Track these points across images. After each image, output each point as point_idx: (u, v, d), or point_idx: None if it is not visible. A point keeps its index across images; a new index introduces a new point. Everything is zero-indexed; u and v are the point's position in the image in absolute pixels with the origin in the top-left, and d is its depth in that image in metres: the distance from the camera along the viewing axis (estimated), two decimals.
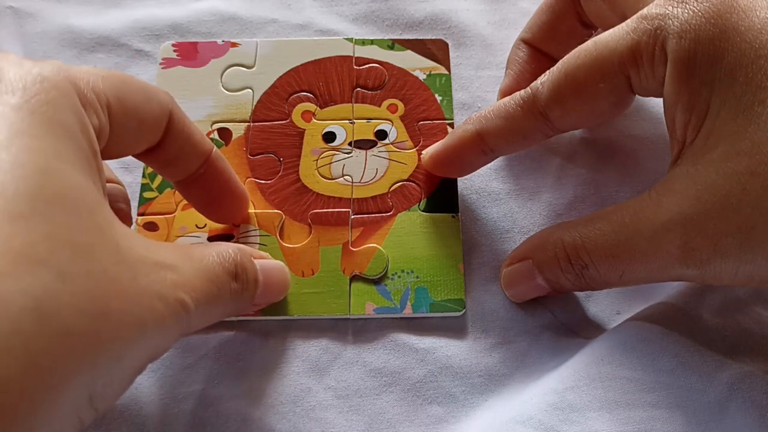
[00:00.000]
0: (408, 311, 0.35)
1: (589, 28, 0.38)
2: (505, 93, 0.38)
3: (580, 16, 0.38)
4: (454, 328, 0.36)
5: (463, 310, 0.35)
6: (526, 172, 0.40)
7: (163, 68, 0.41)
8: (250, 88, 0.40)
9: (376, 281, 0.35)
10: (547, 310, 0.37)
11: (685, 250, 0.29)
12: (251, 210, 0.37)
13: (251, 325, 0.36)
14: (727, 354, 0.33)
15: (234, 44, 0.41)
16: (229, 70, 0.41)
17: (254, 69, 0.41)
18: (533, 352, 0.36)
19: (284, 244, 0.36)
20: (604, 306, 0.37)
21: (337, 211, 0.37)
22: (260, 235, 0.36)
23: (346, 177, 0.38)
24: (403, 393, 0.35)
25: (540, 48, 0.39)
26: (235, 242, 0.36)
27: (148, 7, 0.45)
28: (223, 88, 0.40)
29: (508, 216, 0.39)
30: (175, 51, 0.41)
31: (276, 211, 0.37)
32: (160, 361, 0.35)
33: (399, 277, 0.36)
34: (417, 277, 0.35)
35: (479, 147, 0.35)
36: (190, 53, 0.41)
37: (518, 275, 0.35)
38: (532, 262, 0.34)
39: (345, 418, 0.34)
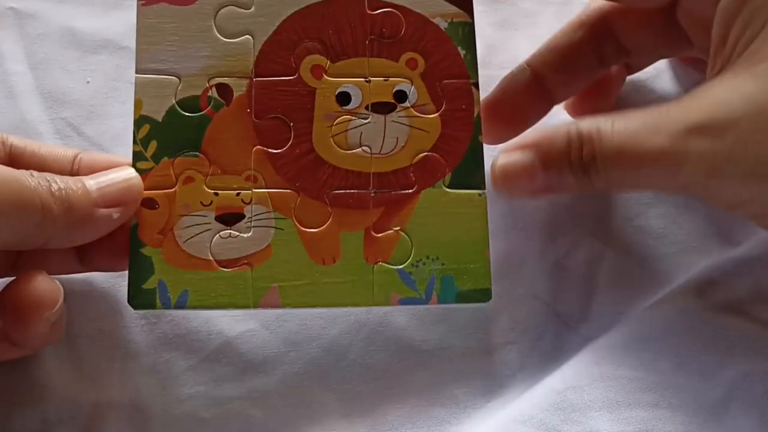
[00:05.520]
0: (434, 302, 0.33)
1: (605, 65, 0.36)
2: (488, 106, 0.37)
3: (599, 50, 0.36)
4: (455, 329, 0.36)
5: (489, 301, 0.34)
6: None
7: (143, 5, 0.35)
8: (250, 34, 0.35)
9: (401, 270, 0.34)
10: (550, 310, 0.37)
11: (702, 154, 0.29)
12: (262, 189, 0.34)
13: (259, 318, 0.35)
14: (728, 354, 0.34)
15: None
16: (223, 10, 0.35)
17: (252, 10, 0.35)
18: (535, 353, 0.37)
19: (302, 228, 0.33)
20: (606, 306, 0.38)
21: (358, 192, 0.34)
22: (275, 218, 0.33)
23: (364, 147, 0.35)
24: (406, 395, 0.35)
25: (544, 75, 0.37)
26: (246, 227, 0.33)
27: None
28: (218, 34, 0.35)
29: (508, 216, 0.38)
30: None
31: (290, 190, 0.34)
32: (163, 363, 0.36)
33: (424, 264, 0.34)
34: (443, 265, 0.34)
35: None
36: None
37: (516, 167, 0.33)
38: (536, 152, 0.32)
39: (347, 420, 0.35)
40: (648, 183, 0.31)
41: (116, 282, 0.37)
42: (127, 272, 0.33)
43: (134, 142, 0.34)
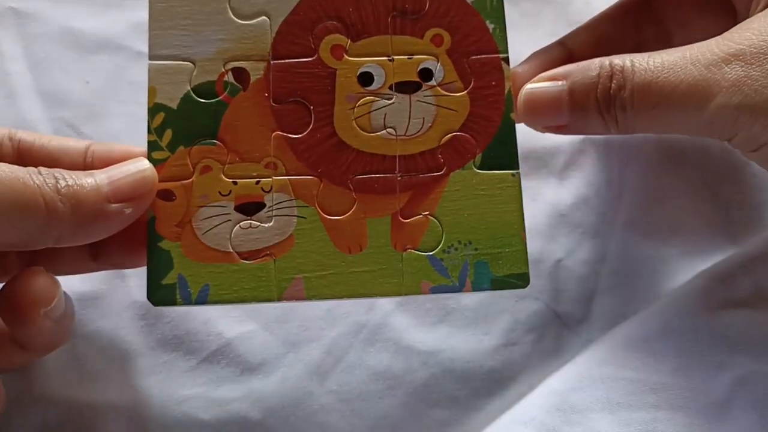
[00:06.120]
0: (468, 289, 0.32)
1: (642, 49, 0.35)
2: (515, 76, 0.35)
3: (638, 32, 0.36)
4: (455, 329, 0.37)
5: (527, 285, 0.32)
6: (528, 172, 0.39)
7: None
8: (266, 15, 0.33)
9: (432, 256, 0.32)
10: (551, 311, 0.37)
11: (737, 81, 0.28)
12: (283, 176, 0.32)
13: (258, 319, 0.36)
14: (729, 354, 0.34)
15: None
16: None
17: None
18: (536, 355, 0.37)
19: (326, 216, 0.32)
20: (607, 307, 0.38)
21: (383, 177, 0.32)
22: (297, 206, 0.32)
23: (389, 129, 0.33)
24: (406, 396, 0.36)
25: (577, 55, 0.36)
26: (267, 216, 0.31)
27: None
28: (233, 16, 0.33)
29: None
30: None
31: (312, 177, 0.32)
32: (162, 364, 0.36)
33: (456, 249, 0.32)
34: (476, 249, 0.32)
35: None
36: None
37: (543, 94, 0.33)
38: (566, 83, 0.32)
39: (347, 422, 0.35)
40: (675, 120, 0.31)
41: (116, 282, 0.37)
42: (138, 268, 0.32)
43: (149, 131, 0.32)
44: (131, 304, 0.37)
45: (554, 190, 0.40)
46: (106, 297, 0.36)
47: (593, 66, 0.32)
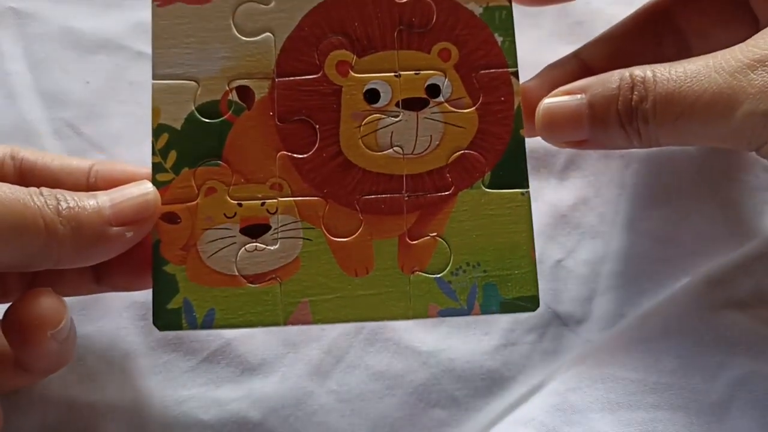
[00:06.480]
0: (476, 312, 0.31)
1: (661, 61, 0.34)
2: (528, 97, 0.34)
3: (658, 45, 0.35)
4: (457, 330, 0.37)
5: (537, 308, 0.31)
6: (528, 172, 0.36)
7: (158, 5, 0.33)
8: (271, 32, 0.33)
9: (439, 278, 0.31)
10: (551, 311, 0.37)
11: (764, 90, 0.28)
12: (288, 197, 0.31)
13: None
14: (729, 354, 0.34)
15: None
16: (241, 7, 0.33)
17: (272, 5, 0.33)
18: (536, 355, 0.36)
19: (332, 238, 0.31)
20: (607, 307, 0.37)
21: (390, 197, 0.32)
22: (303, 228, 0.31)
23: (395, 148, 0.32)
24: (405, 396, 0.35)
25: (594, 68, 0.35)
26: (273, 238, 0.31)
27: (149, 8, 0.39)
28: (236, 33, 0.33)
29: None
30: None
31: (317, 198, 0.32)
32: (162, 364, 0.36)
33: (464, 271, 0.31)
34: (484, 272, 0.31)
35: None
36: None
37: (562, 109, 0.32)
38: (586, 97, 0.31)
39: (347, 422, 0.35)
40: (701, 131, 0.30)
41: None
42: (142, 291, 0.31)
43: (153, 153, 0.32)
44: (131, 304, 0.37)
45: (554, 190, 0.40)
46: (106, 297, 0.36)
47: (613, 78, 0.31)
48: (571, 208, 0.40)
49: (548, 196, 0.40)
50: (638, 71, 0.30)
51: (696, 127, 0.30)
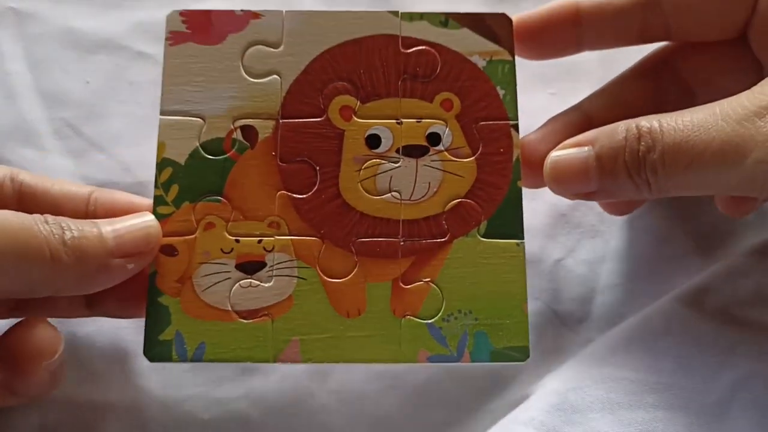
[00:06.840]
0: (466, 359, 0.31)
1: (664, 111, 0.34)
2: (530, 143, 0.34)
3: (661, 96, 0.35)
4: None
5: (527, 359, 0.31)
6: None
7: (171, 45, 0.34)
8: (278, 74, 0.34)
9: (431, 324, 0.31)
10: (550, 311, 0.37)
11: None
12: (285, 236, 0.32)
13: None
14: (729, 354, 0.34)
15: (255, 15, 0.34)
16: (251, 49, 0.34)
17: (281, 49, 0.34)
18: (536, 355, 0.35)
19: (326, 278, 0.32)
20: (607, 307, 0.37)
21: (386, 241, 0.32)
22: (298, 267, 0.32)
23: (394, 193, 0.33)
24: (406, 396, 0.35)
25: (598, 121, 0.34)
26: (267, 276, 0.31)
27: (149, 8, 0.42)
28: (245, 74, 0.34)
29: None
30: (184, 23, 0.34)
31: (314, 238, 0.32)
32: (162, 364, 0.35)
33: (456, 318, 0.31)
34: (476, 320, 0.31)
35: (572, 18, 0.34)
36: (202, 26, 0.34)
37: (570, 161, 0.31)
38: (593, 149, 0.31)
39: (347, 422, 0.35)
40: (711, 180, 0.29)
41: None
42: (134, 318, 0.32)
43: (155, 186, 0.32)
44: None
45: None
46: None
47: (619, 129, 0.31)
48: (571, 207, 0.40)
49: (548, 195, 0.38)
50: (644, 122, 0.30)
51: (706, 177, 0.29)
